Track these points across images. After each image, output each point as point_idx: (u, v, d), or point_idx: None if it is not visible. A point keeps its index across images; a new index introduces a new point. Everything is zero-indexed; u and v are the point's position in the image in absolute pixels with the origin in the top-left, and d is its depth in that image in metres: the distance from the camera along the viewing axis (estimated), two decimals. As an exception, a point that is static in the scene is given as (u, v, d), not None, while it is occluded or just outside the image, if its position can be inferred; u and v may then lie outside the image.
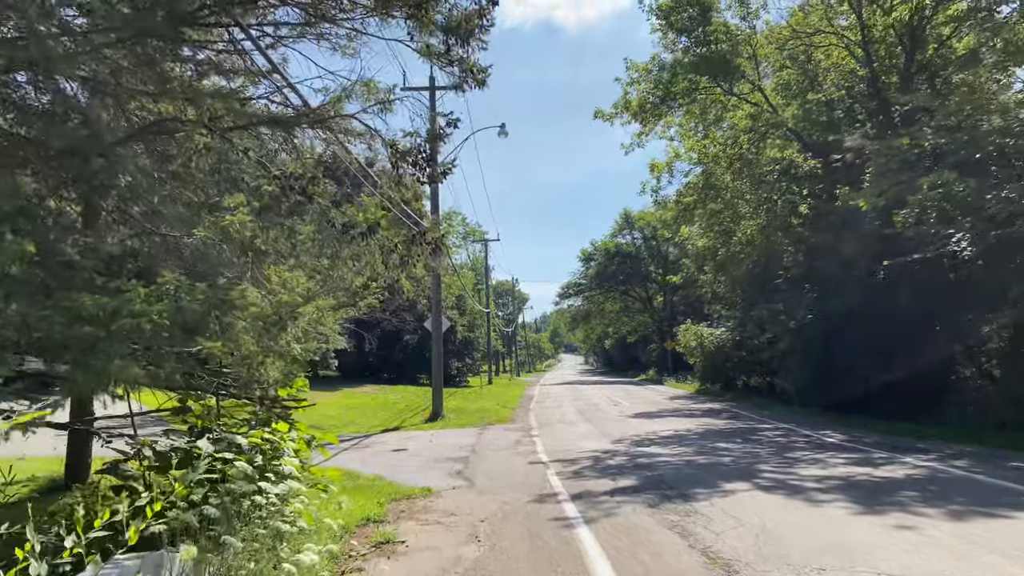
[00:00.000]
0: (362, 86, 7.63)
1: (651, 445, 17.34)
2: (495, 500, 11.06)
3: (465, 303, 54.31)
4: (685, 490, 11.16)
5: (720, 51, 25.97)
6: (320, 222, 6.82)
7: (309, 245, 6.85)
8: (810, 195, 26.60)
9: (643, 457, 15.22)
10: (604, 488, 11.72)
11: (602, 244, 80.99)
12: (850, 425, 21.32)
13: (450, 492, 11.88)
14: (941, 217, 15.72)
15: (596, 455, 15.87)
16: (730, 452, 15.84)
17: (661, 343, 68.65)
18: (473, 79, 7.58)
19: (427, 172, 7.09)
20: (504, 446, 18.18)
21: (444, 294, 34.74)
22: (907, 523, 8.58)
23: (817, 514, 9.29)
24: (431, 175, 7.13)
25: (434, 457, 16.15)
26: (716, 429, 21.10)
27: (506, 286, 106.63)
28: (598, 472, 13.51)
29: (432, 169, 7.09)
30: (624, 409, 29.65)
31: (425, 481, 12.89)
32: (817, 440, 18.04)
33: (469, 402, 34.95)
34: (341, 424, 24.25)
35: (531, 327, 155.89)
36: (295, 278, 7.28)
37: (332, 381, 40.81)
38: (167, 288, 5.46)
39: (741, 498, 10.49)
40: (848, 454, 15.18)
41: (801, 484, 11.49)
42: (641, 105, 28.39)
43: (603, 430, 21.43)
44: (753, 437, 18.92)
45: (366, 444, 19.19)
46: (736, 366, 38.56)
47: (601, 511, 9.96)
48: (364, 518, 9.87)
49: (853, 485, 11.28)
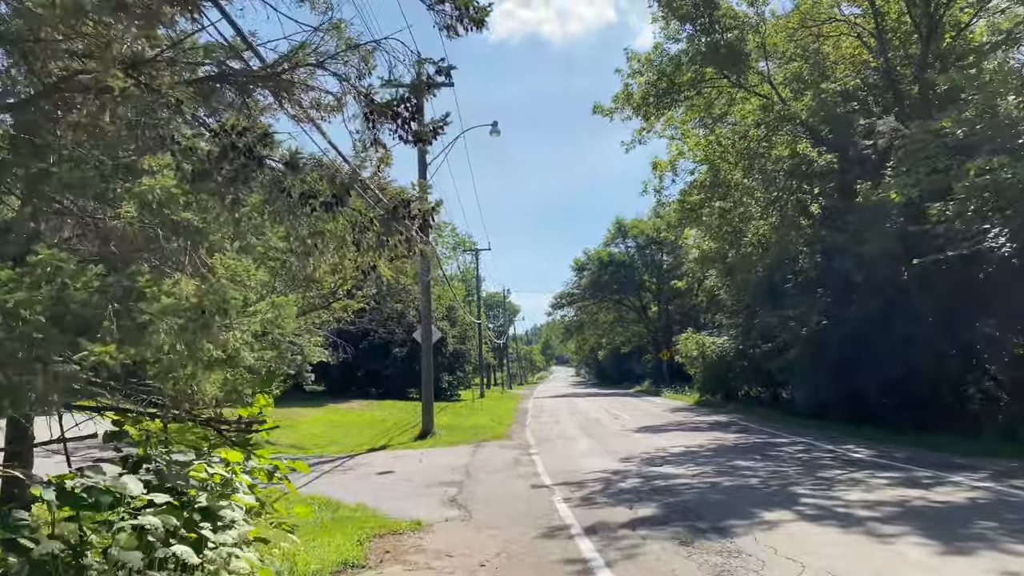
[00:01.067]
0: (331, 29, 6.06)
1: (663, 464, 15.72)
2: (496, 536, 9.41)
3: (456, 314, 52.58)
4: (718, 521, 9.53)
5: (727, 40, 24.51)
6: (272, 191, 5.20)
7: (258, 221, 5.22)
8: (822, 193, 25.14)
9: (658, 479, 13.59)
10: (622, 519, 10.08)
11: (595, 253, 79.47)
12: (871, 438, 19.79)
13: (443, 525, 10.22)
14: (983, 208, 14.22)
15: (605, 476, 14.23)
16: (754, 472, 14.23)
17: (656, 353, 67.07)
18: (469, 18, 6.01)
19: (412, 130, 5.51)
20: (501, 466, 16.53)
21: (434, 305, 33.05)
22: (1011, 567, 6.99)
23: (892, 554, 7.67)
24: (418, 134, 5.54)
25: (424, 481, 14.48)
26: (729, 444, 19.50)
27: (497, 298, 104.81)
28: (611, 498, 11.87)
29: (419, 125, 5.51)
30: (626, 423, 28.02)
31: (414, 510, 11.23)
32: (844, 456, 16.48)
33: (461, 417, 33.23)
34: (324, 443, 22.55)
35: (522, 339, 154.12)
36: (244, 267, 5.65)
37: (317, 397, 39.02)
38: (43, 270, 3.84)
39: (789, 531, 8.87)
40: (887, 472, 13.60)
41: (851, 512, 9.88)
42: (644, 98, 26.82)
43: (607, 447, 19.79)
44: (772, 453, 17.34)
45: (350, 466, 17.49)
46: (738, 376, 37.14)
47: (623, 550, 8.33)
48: (340, 562, 8.19)
49: (914, 513, 9.68)
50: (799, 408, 27.52)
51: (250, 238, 5.30)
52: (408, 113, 5.45)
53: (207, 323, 4.03)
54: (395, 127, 5.54)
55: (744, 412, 31.77)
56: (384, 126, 5.54)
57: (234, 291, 5.48)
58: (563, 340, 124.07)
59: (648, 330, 75.78)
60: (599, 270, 77.37)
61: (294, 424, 26.83)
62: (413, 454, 19.43)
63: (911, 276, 19.32)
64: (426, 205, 5.58)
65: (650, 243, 74.54)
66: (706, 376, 40.17)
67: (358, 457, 19.08)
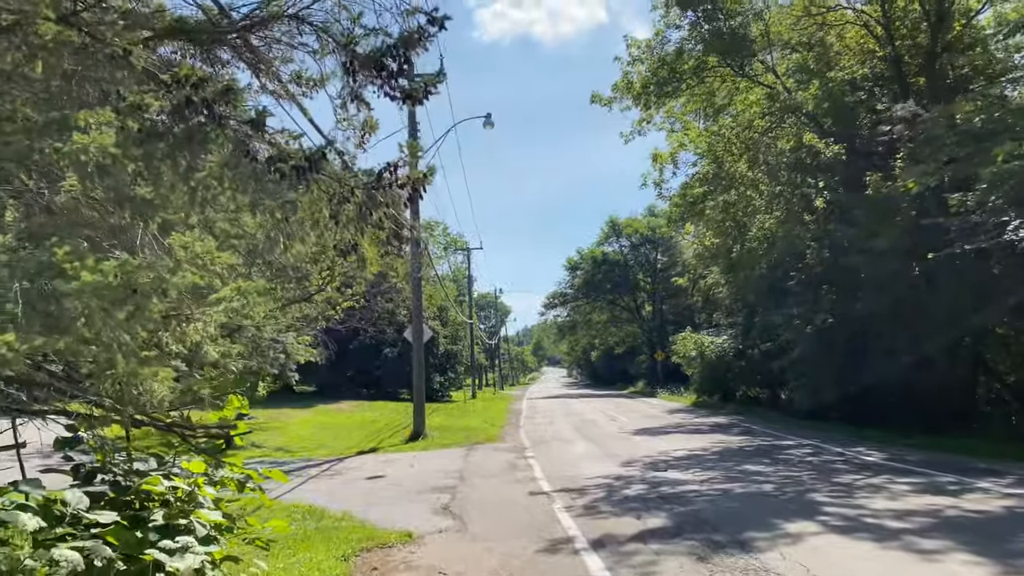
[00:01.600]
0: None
1: (668, 469, 14.91)
2: (494, 550, 8.57)
3: (447, 314, 51.64)
4: (737, 533, 8.71)
5: (731, 26, 23.71)
6: (235, 156, 4.36)
7: (217, 190, 4.38)
8: (827, 187, 24.37)
9: (665, 485, 12.78)
10: (630, 530, 9.26)
11: (588, 252, 78.64)
12: (880, 440, 19.05)
13: (436, 537, 9.38)
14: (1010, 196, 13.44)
15: (607, 482, 13.41)
16: (765, 477, 13.44)
17: (651, 354, 66.33)
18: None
19: (400, 86, 4.69)
20: (496, 471, 15.70)
21: (425, 304, 32.14)
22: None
23: (941, 574, 6.88)
24: (407, 91, 4.71)
25: (416, 487, 13.63)
26: (734, 448, 18.72)
27: (488, 298, 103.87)
28: (616, 506, 11.05)
29: (408, 80, 4.68)
30: (623, 425, 27.21)
31: (405, 520, 10.38)
32: (856, 459, 15.73)
33: (453, 419, 32.36)
34: (312, 446, 21.68)
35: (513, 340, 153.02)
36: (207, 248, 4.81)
37: (307, 397, 38.12)
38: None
39: (817, 546, 8.06)
40: (906, 478, 12.83)
41: (881, 523, 9.08)
42: (644, 86, 25.95)
43: (606, 449, 18.99)
44: (780, 457, 16.57)
45: (338, 470, 16.62)
46: (737, 376, 36.46)
47: (636, 568, 7.51)
48: (322, 583, 7.35)
49: (951, 525, 8.89)
50: (800, 409, 26.79)
51: (209, 211, 4.44)
52: (396, 65, 4.62)
53: (140, 306, 3.19)
54: (381, 82, 4.72)
55: (743, 413, 31.07)
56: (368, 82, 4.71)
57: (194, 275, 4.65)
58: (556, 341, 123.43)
59: (642, 330, 75.03)
60: (592, 269, 76.58)
61: (283, 426, 25.96)
62: (404, 457, 18.57)
63: (922, 271, 18.57)
64: (416, 172, 4.74)
65: (644, 242, 73.89)
66: (704, 376, 39.42)
67: (347, 460, 18.21)
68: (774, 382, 32.53)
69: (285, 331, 12.54)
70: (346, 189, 4.56)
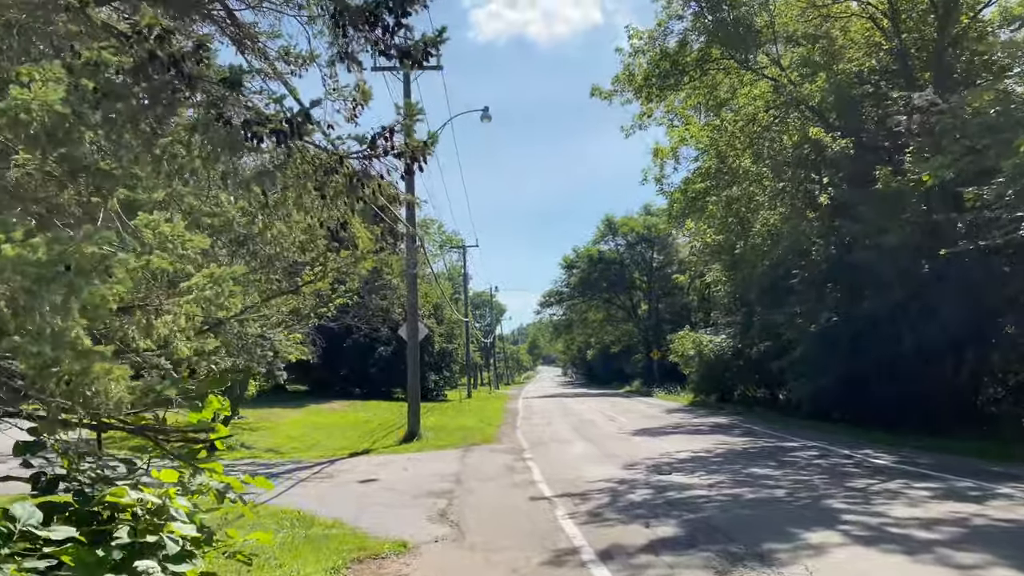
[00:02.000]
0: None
1: (672, 472, 14.35)
2: (493, 561, 8.00)
3: (443, 312, 51.02)
4: (755, 544, 8.13)
5: (735, 16, 23.15)
6: (206, 119, 3.77)
7: (185, 159, 3.78)
8: (831, 183, 23.82)
9: (671, 489, 12.21)
10: (639, 540, 8.69)
11: (585, 251, 78.10)
12: (888, 443, 18.48)
13: (433, 548, 8.79)
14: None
15: (611, 486, 12.84)
16: (775, 481, 12.88)
17: (647, 353, 65.76)
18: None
19: (396, 44, 4.09)
20: (494, 473, 15.13)
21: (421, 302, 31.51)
22: None
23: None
24: (404, 49, 4.11)
25: (411, 491, 13.03)
26: (738, 449, 18.17)
27: (484, 297, 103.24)
28: (622, 513, 10.48)
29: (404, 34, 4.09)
30: (622, 425, 26.66)
31: (399, 527, 9.79)
32: (866, 462, 15.19)
33: (449, 418, 31.77)
34: (304, 447, 21.08)
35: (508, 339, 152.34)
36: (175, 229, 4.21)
37: (299, 397, 37.54)
38: None
39: (842, 560, 7.48)
40: (923, 483, 12.29)
41: (908, 533, 8.52)
42: (646, 78, 25.39)
43: (606, 451, 18.42)
44: (786, 459, 16.03)
45: (329, 472, 16.03)
46: (735, 376, 35.96)
47: (650, 583, 6.94)
48: (308, 599, 6.76)
49: (984, 536, 8.32)
50: (801, 409, 26.27)
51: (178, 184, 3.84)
52: (393, 19, 4.03)
53: (73, 286, 2.60)
54: (374, 40, 4.12)
55: (743, 413, 30.57)
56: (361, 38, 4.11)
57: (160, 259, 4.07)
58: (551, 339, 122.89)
59: (638, 329, 74.51)
60: (588, 268, 76.05)
61: (273, 426, 25.34)
62: (398, 459, 17.97)
63: (932, 269, 18.05)
64: (415, 140, 4.13)
65: (640, 241, 73.38)
66: (702, 376, 38.89)
67: (339, 462, 17.61)
68: (773, 382, 32.05)
69: (274, 328, 11.94)
70: (334, 159, 3.97)
